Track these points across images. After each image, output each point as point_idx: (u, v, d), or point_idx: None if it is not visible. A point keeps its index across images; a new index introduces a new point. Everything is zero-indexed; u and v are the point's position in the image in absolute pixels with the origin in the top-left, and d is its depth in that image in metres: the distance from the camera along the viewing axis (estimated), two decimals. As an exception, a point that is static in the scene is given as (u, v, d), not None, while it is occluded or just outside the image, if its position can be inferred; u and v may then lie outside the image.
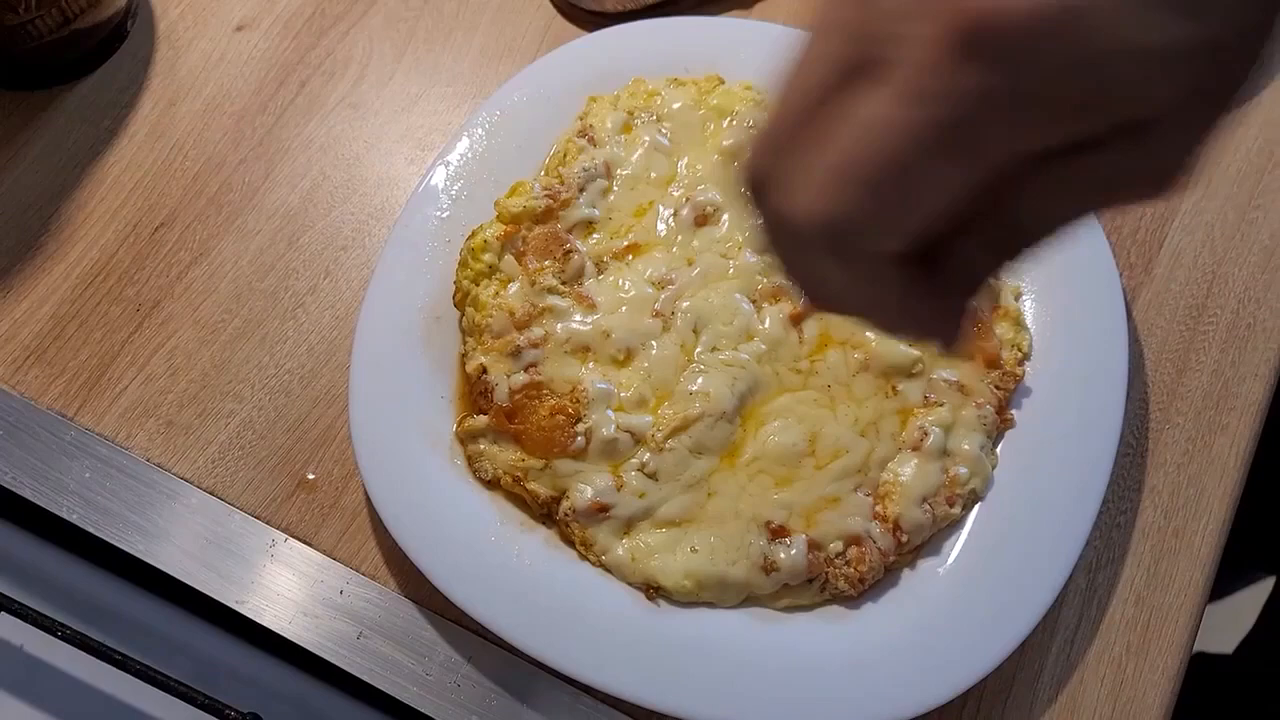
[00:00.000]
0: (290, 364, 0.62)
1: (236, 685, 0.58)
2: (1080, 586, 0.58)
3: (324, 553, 0.58)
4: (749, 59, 0.67)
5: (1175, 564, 0.58)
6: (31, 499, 0.59)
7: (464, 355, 0.60)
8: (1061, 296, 0.61)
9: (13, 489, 0.59)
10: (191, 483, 0.60)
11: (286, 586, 0.57)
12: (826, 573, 0.55)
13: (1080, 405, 0.59)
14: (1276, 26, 0.26)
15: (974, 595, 0.55)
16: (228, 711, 0.55)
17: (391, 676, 0.55)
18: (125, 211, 0.66)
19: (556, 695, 0.55)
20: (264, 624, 0.57)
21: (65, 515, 0.58)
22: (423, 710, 0.55)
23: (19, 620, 0.57)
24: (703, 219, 0.62)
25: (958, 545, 0.57)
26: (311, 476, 0.60)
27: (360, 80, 0.70)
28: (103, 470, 0.59)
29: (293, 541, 0.58)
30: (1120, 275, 0.63)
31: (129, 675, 0.56)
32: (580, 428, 0.57)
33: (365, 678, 0.55)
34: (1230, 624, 1.17)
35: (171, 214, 0.66)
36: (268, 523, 0.59)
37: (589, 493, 0.56)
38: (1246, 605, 1.14)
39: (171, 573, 0.57)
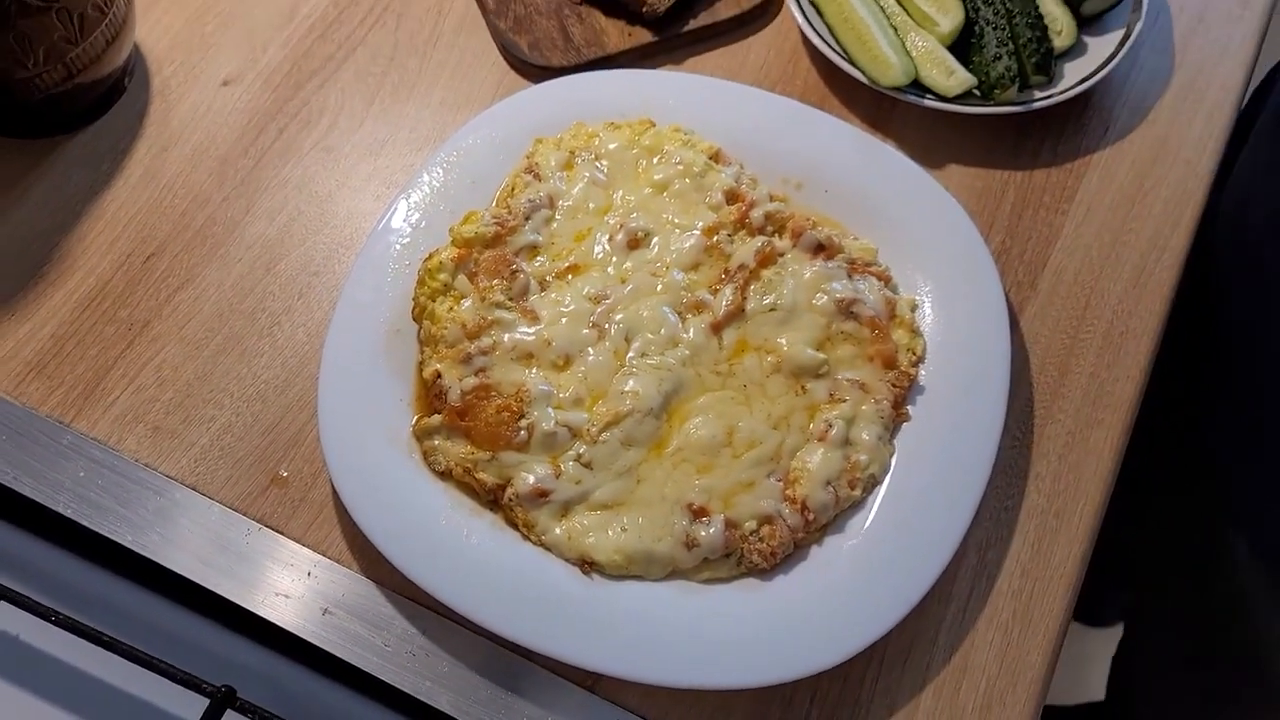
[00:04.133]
0: (266, 375, 0.70)
1: (213, 663, 0.64)
2: (972, 562, 0.65)
3: (294, 540, 0.65)
4: (677, 105, 0.75)
5: (1056, 541, 0.65)
6: (31, 496, 0.65)
7: (421, 363, 0.67)
8: (952, 309, 0.69)
9: (14, 488, 0.65)
10: (176, 480, 0.66)
11: (260, 571, 0.64)
12: (742, 548, 0.62)
13: (968, 402, 0.66)
14: None
15: (874, 567, 0.62)
16: (205, 685, 0.61)
17: (354, 648, 0.62)
18: (120, 243, 0.74)
19: (502, 661, 0.61)
20: (241, 604, 0.63)
21: (61, 510, 0.65)
22: (382, 678, 0.61)
23: (16, 609, 0.63)
24: (635, 242, 0.70)
25: (860, 523, 0.64)
26: (284, 474, 0.66)
27: (333, 127, 0.78)
28: (96, 470, 0.66)
29: (266, 530, 0.65)
30: (1006, 290, 0.71)
31: (116, 656, 0.61)
32: (523, 423, 0.64)
33: (330, 649, 0.62)
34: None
35: (161, 245, 0.74)
36: (244, 514, 0.65)
37: (531, 480, 0.63)
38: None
39: (156, 559, 0.64)
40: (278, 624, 0.62)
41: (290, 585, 0.63)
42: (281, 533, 0.65)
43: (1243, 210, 0.82)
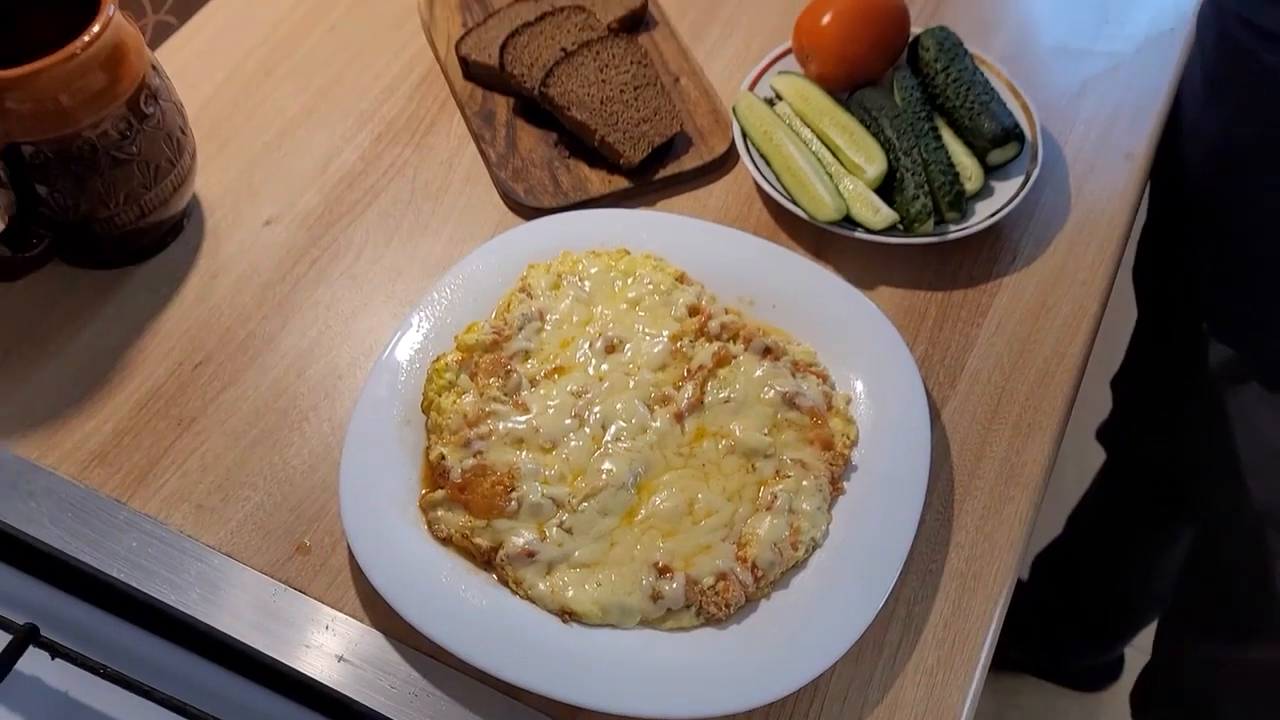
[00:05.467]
0: (295, 462, 0.81)
1: (239, 710, 0.73)
2: (901, 615, 0.75)
3: (315, 598, 0.75)
4: (649, 238, 0.89)
5: (974, 599, 0.75)
6: (91, 564, 0.76)
7: (428, 448, 0.79)
8: (882, 403, 0.81)
9: (76, 555, 0.76)
10: (215, 549, 0.77)
11: (285, 625, 0.74)
12: (701, 601, 0.72)
13: (895, 479, 0.77)
14: None
15: (813, 617, 0.72)
16: (232, 728, 0.70)
17: (364, 690, 0.71)
18: (173, 354, 0.86)
19: (493, 699, 0.70)
20: (268, 654, 0.72)
21: (116, 575, 0.75)
22: (387, 715, 0.70)
23: (70, 664, 0.72)
24: (611, 348, 0.82)
25: (802, 580, 0.74)
26: (308, 543, 0.77)
27: (358, 259, 0.92)
28: (146, 541, 0.77)
29: (291, 591, 0.75)
30: (929, 389, 0.83)
31: (153, 704, 0.71)
32: (514, 496, 0.75)
33: (344, 691, 0.71)
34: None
35: (208, 355, 0.86)
36: (273, 577, 0.76)
37: (520, 543, 0.73)
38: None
39: (197, 616, 0.74)
40: (299, 670, 0.72)
41: (310, 637, 0.73)
42: (304, 593, 0.75)
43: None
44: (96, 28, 0.77)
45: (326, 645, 0.73)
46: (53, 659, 0.73)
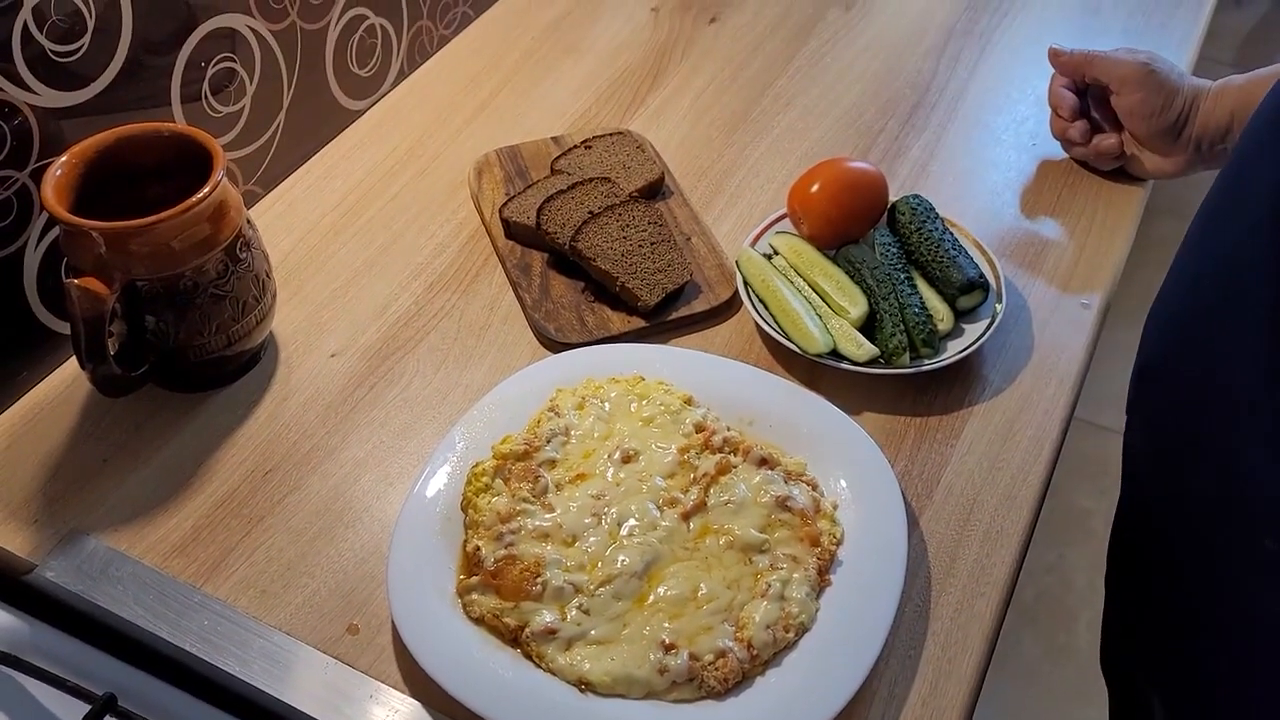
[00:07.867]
0: (348, 554, 0.92)
1: (291, 771, 0.82)
2: (884, 694, 0.83)
3: (362, 671, 0.85)
4: (662, 367, 1.03)
5: (949, 681, 0.84)
6: (168, 639, 0.86)
7: (465, 540, 0.90)
8: (865, 510, 0.92)
9: (155, 631, 0.86)
10: (276, 628, 0.87)
11: (335, 694, 0.83)
12: (702, 675, 0.81)
13: (875, 575, 0.87)
14: None
15: (802, 692, 0.81)
16: (283, 786, 0.79)
17: (402, 751, 0.80)
18: (246, 463, 0.99)
19: (516, 760, 0.79)
20: (320, 718, 0.82)
21: (189, 649, 0.86)
22: (422, 773, 0.79)
23: (142, 730, 0.82)
24: (627, 458, 0.94)
25: (793, 660, 0.83)
26: (357, 624, 0.88)
27: (409, 386, 1.06)
28: (216, 620, 0.88)
29: (342, 665, 0.85)
30: (908, 500, 0.94)
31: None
32: (539, 581, 0.86)
33: (384, 751, 0.80)
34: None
35: (277, 464, 0.99)
36: (326, 653, 0.86)
37: (543, 622, 0.84)
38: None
39: (256, 684, 0.84)
40: (345, 734, 0.81)
41: (358, 705, 0.82)
42: (353, 667, 0.85)
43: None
44: (207, 189, 0.94)
45: (372, 713, 0.82)
46: (126, 726, 0.83)
